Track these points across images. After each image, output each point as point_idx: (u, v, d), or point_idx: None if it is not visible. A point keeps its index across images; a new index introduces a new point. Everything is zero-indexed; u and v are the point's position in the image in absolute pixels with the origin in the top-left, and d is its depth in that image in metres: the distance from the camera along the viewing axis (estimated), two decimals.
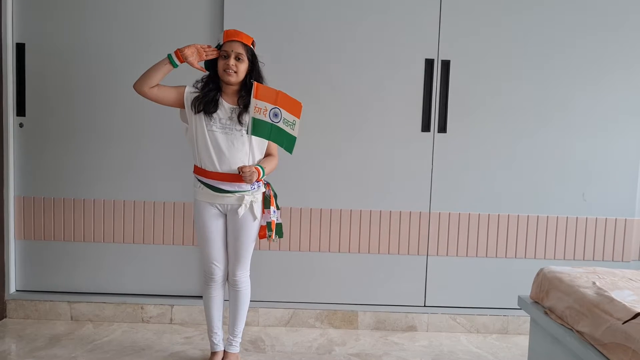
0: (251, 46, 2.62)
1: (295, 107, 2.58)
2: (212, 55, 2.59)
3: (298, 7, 3.28)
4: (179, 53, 2.54)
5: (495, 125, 3.37)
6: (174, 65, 2.56)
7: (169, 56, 2.55)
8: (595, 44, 3.34)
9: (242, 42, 2.58)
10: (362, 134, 3.36)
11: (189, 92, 2.63)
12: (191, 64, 2.57)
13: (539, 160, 3.40)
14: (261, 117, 2.51)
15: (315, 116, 3.32)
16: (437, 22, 3.30)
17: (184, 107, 2.64)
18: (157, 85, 2.58)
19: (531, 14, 3.31)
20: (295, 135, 2.59)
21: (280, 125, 2.55)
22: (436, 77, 3.32)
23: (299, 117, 2.58)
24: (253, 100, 2.50)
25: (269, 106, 2.52)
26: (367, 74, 3.32)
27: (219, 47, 2.60)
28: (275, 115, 2.53)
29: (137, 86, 2.56)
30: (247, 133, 2.55)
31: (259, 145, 2.67)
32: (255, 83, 2.52)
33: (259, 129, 2.53)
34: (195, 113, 2.59)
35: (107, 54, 3.32)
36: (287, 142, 2.59)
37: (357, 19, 3.29)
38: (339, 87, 3.33)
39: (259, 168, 2.60)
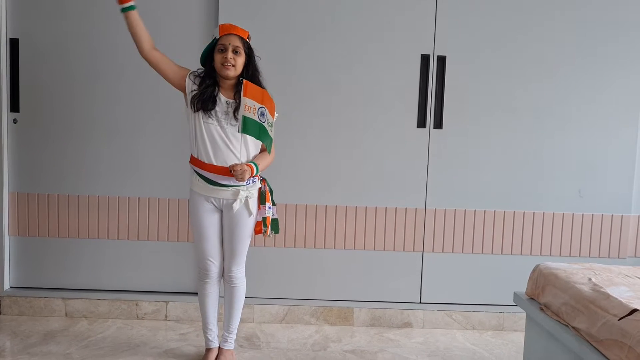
0: (247, 40, 2.60)
1: (273, 108, 2.58)
2: None
3: (292, 3, 3.26)
4: None
5: (491, 121, 3.36)
6: (131, 8, 2.48)
7: (122, 10, 2.48)
8: (592, 40, 3.33)
9: (238, 36, 2.56)
10: (358, 130, 3.34)
11: (190, 89, 2.60)
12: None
13: (535, 156, 3.39)
14: (251, 115, 2.48)
15: (310, 112, 3.31)
16: (433, 17, 3.28)
17: (184, 92, 2.62)
18: (158, 52, 2.56)
19: (528, 9, 3.30)
20: (272, 137, 2.57)
21: (265, 125, 2.53)
22: (432, 73, 3.31)
23: (273, 118, 2.59)
24: (243, 99, 2.46)
25: (257, 105, 2.49)
26: (362, 70, 3.31)
27: (215, 41, 2.58)
28: (262, 114, 2.51)
29: (139, 51, 2.55)
30: (238, 131, 2.53)
31: (255, 140, 2.65)
32: (244, 81, 2.49)
33: (249, 127, 2.48)
34: (194, 111, 2.58)
35: (102, 49, 3.30)
36: (267, 142, 2.57)
37: (352, 14, 3.27)
38: (334, 83, 3.31)
39: (252, 165, 2.58)
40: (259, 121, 2.49)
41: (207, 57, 2.61)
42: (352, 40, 3.29)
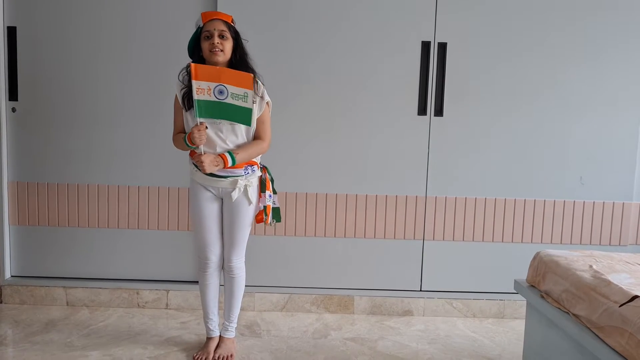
0: (232, 24, 2.57)
1: (244, 80, 2.48)
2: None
3: None
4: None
5: (492, 109, 3.34)
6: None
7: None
8: (593, 25, 3.30)
9: (222, 20, 2.52)
10: (358, 118, 3.33)
11: (180, 89, 2.59)
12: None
13: (536, 143, 3.37)
14: (205, 97, 2.43)
15: (310, 100, 3.30)
16: (434, 3, 3.25)
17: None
18: (180, 131, 2.66)
19: None
20: (250, 107, 2.50)
21: (229, 101, 2.46)
22: (433, 60, 3.28)
23: (250, 89, 2.48)
24: (193, 82, 2.42)
25: (213, 85, 2.43)
26: (362, 57, 3.28)
27: (199, 29, 2.55)
28: (221, 92, 2.44)
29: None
30: (194, 116, 2.49)
31: (248, 132, 2.62)
32: (192, 65, 2.43)
33: (205, 110, 2.45)
34: (186, 110, 2.57)
35: (100, 36, 3.28)
36: (241, 115, 2.50)
37: (352, 0, 3.24)
38: (334, 71, 3.29)
39: (226, 155, 2.52)
40: (216, 100, 2.45)
41: (195, 48, 2.58)
42: (352, 27, 3.26)
